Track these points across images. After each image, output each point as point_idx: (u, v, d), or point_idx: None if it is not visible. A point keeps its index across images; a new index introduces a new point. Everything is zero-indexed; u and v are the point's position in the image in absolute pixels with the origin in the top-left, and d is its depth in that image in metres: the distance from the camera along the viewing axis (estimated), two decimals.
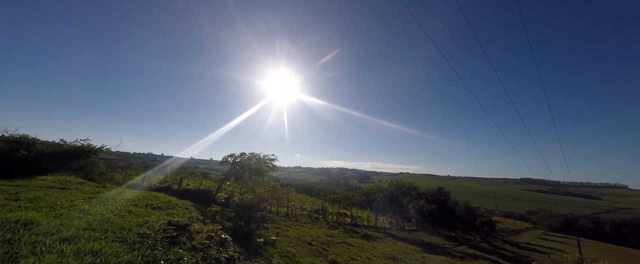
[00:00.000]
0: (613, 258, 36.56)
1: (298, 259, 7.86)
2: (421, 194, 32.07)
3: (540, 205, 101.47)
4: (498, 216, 76.33)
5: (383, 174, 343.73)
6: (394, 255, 11.30)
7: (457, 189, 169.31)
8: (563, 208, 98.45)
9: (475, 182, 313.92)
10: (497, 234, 44.64)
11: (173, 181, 15.69)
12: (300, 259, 7.90)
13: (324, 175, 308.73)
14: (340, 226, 17.38)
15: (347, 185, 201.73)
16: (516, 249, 27.37)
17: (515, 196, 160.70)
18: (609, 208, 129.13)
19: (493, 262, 15.38)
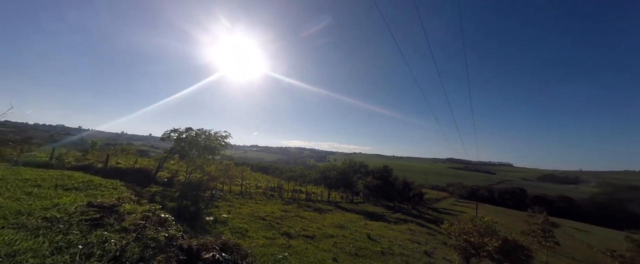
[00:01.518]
0: (496, 215, 49.42)
1: (250, 234, 7.96)
2: (369, 171, 35.78)
3: (456, 179, 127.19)
4: (426, 189, 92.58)
5: (338, 154, 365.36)
6: (341, 224, 12.61)
7: (399, 167, 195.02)
8: (471, 181, 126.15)
9: (413, 161, 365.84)
10: (424, 202, 54.40)
11: (97, 159, 13.16)
12: (252, 234, 8.02)
13: (282, 154, 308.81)
14: (295, 201, 18.10)
15: (305, 164, 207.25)
16: (436, 213, 34.20)
17: (441, 172, 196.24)
18: (499, 180, 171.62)
19: (418, 224, 18.87)
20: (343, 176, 27.66)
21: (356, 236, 10.57)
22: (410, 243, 11.18)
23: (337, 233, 10.46)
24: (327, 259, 7.03)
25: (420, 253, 9.67)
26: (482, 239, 7.13)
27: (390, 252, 9.05)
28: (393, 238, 11.42)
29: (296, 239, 8.46)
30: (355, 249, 8.57)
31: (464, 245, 7.56)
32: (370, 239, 10.34)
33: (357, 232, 11.37)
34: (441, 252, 10.57)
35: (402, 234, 12.85)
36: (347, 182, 28.22)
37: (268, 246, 7.10)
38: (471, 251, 7.46)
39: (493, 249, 6.74)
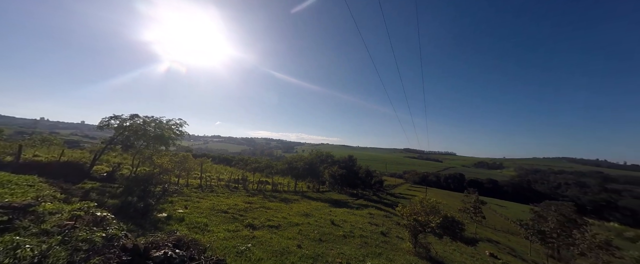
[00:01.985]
0: (441, 197, 56.95)
1: (211, 228, 7.56)
2: (335, 161, 37.15)
3: (412, 167, 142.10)
4: (386, 176, 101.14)
5: (306, 145, 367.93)
6: (307, 212, 12.93)
7: (363, 157, 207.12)
8: (423, 169, 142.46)
9: (375, 152, 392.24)
10: (384, 189, 59.38)
11: (4, 150, 10.57)
12: (213, 228, 7.63)
13: (248, 145, 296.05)
14: (260, 193, 17.75)
15: (271, 155, 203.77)
16: (393, 198, 37.81)
17: (399, 162, 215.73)
18: (445, 167, 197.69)
19: (377, 208, 20.60)
20: (310, 167, 28.12)
21: (321, 222, 11.00)
22: (369, 225, 12.17)
23: (303, 221, 10.72)
24: (291, 246, 7.18)
25: (378, 233, 10.64)
26: (427, 218, 8.22)
27: (351, 235, 9.71)
28: (355, 222, 12.25)
29: (261, 230, 8.38)
30: (320, 235, 8.94)
31: (413, 224, 8.60)
32: (334, 224, 10.90)
33: (322, 219, 11.83)
34: (395, 231, 11.82)
35: (363, 218, 13.88)
36: (314, 172, 28.83)
37: (230, 239, 6.87)
38: (419, 228, 8.54)
39: (436, 225, 7.86)
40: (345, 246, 8.31)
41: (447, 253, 10.36)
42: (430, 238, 9.78)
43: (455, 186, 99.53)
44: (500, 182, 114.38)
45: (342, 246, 8.15)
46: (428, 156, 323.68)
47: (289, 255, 6.48)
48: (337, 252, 7.53)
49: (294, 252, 6.74)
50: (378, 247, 8.63)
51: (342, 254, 7.43)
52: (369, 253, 7.89)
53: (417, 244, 8.70)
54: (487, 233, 27.70)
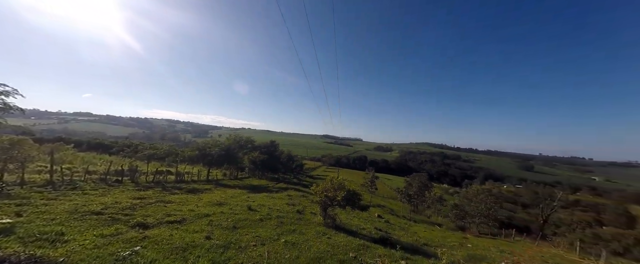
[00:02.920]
0: (350, 175, 67.28)
1: (69, 237, 5.56)
2: (256, 146, 35.75)
3: (328, 151, 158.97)
4: (306, 160, 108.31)
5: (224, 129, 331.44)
6: (221, 201, 11.92)
7: (286, 142, 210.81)
8: (337, 152, 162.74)
9: (298, 137, 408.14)
10: (304, 171, 63.44)
11: None
12: (74, 236, 5.64)
13: (140, 127, 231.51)
14: (158, 185, 14.67)
15: (177, 140, 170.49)
16: (311, 179, 41.22)
17: (319, 146, 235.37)
18: (354, 151, 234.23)
19: (296, 190, 21.88)
20: (227, 152, 25.64)
21: (236, 210, 10.48)
22: (287, 206, 12.80)
23: (215, 210, 9.83)
24: (198, 239, 6.47)
25: (294, 212, 11.39)
26: (335, 193, 9.57)
27: (268, 217, 9.88)
28: (273, 205, 12.50)
29: (156, 228, 7.01)
30: (234, 222, 8.54)
31: (324, 200, 9.79)
32: (251, 210, 10.68)
33: (238, 206, 11.30)
34: (310, 208, 13.07)
35: (282, 201, 14.39)
36: (232, 158, 26.61)
37: (105, 246, 5.34)
38: (328, 203, 9.83)
39: (341, 198, 9.31)
40: (262, 228, 8.40)
41: (348, 219, 12.59)
42: (337, 209, 11.51)
43: (360, 165, 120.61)
44: (389, 161, 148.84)
45: (258, 230, 8.19)
46: (342, 141, 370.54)
47: (195, 249, 5.84)
48: (253, 236, 7.50)
49: (201, 245, 6.13)
50: (293, 224, 9.28)
51: (258, 237, 7.48)
52: (284, 231, 8.35)
53: (327, 216, 10.03)
54: (377, 200, 35.73)
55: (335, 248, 7.16)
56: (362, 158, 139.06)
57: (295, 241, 7.29)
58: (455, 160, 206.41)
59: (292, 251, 6.60)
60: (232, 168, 28.83)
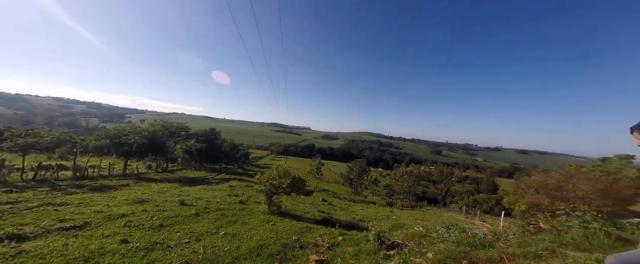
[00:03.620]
0: (298, 163, 68.43)
1: None
2: (192, 134, 31.51)
3: (277, 140, 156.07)
4: (253, 149, 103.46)
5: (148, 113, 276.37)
6: (143, 198, 10.11)
7: (230, 130, 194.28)
8: (285, 141, 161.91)
9: (244, 125, 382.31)
10: (250, 161, 60.48)
11: None
12: None
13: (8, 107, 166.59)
14: (42, 184, 11.17)
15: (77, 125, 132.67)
16: (258, 169, 39.86)
17: (267, 135, 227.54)
18: (302, 139, 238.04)
19: (240, 180, 20.75)
20: (152, 141, 21.55)
21: (165, 206, 9.15)
22: (229, 197, 12.02)
23: (134, 210, 8.30)
24: (109, 244, 5.36)
25: (236, 203, 10.84)
26: (280, 181, 9.59)
27: (206, 211, 9.07)
28: (212, 198, 11.51)
29: (40, 239, 5.40)
30: (161, 220, 7.45)
31: (269, 188, 9.68)
32: (184, 205, 9.53)
33: (167, 202, 9.88)
34: (254, 197, 12.70)
35: (223, 192, 13.40)
36: (159, 148, 22.63)
37: None
38: (273, 191, 9.78)
39: (286, 185, 9.41)
40: (197, 223, 7.66)
41: (294, 205, 12.94)
42: (283, 196, 11.62)
43: (308, 153, 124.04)
44: (335, 149, 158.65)
45: (193, 225, 7.44)
46: (291, 130, 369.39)
47: (104, 257, 4.82)
48: (186, 232, 6.77)
49: (115, 250, 5.12)
50: (235, 215, 8.84)
51: (192, 233, 6.79)
52: (224, 223, 7.87)
53: (272, 204, 9.99)
54: (323, 185, 37.98)
55: (279, 234, 7.28)
56: (310, 146, 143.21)
57: (237, 232, 7.01)
58: (388, 147, 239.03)
59: (233, 242, 6.34)
60: (159, 159, 24.70)
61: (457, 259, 3.86)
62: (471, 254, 4.16)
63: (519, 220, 7.42)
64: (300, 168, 50.78)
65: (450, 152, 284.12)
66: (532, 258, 3.70)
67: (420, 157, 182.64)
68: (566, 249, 4.02)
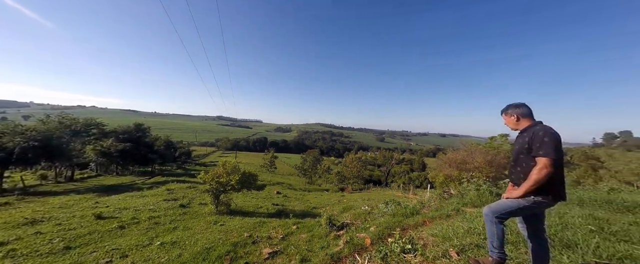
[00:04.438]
0: (249, 158, 65.03)
1: None
2: (109, 132, 25.56)
3: (224, 135, 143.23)
4: (196, 146, 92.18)
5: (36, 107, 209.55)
6: (35, 218, 7.73)
7: (163, 126, 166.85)
8: (235, 135, 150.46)
9: (181, 119, 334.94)
10: (193, 159, 53.82)
11: None
12: None
13: None
14: None
15: None
16: (203, 167, 35.93)
17: (212, 130, 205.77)
18: (253, 133, 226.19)
19: (181, 182, 18.30)
20: (46, 143, 16.41)
21: (72, 223, 7.28)
22: (165, 202, 10.48)
23: (21, 234, 6.31)
24: None
25: (176, 208, 9.57)
26: (228, 178, 8.93)
27: (134, 222, 7.68)
28: (142, 205, 9.80)
29: None
30: (66, 241, 5.91)
31: (216, 186, 8.90)
32: (101, 218, 7.80)
33: (76, 218, 7.89)
34: (199, 199, 11.47)
35: (157, 197, 11.56)
36: (57, 151, 17.50)
37: None
38: (220, 189, 9.05)
39: (235, 182, 8.84)
40: (123, 238, 6.43)
41: (245, 202, 12.35)
42: (233, 194, 10.90)
43: (260, 147, 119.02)
44: (289, 141, 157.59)
45: (117, 240, 6.21)
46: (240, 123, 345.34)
47: None
48: (107, 250, 5.59)
49: None
50: (174, 221, 7.82)
51: (116, 249, 5.67)
52: (160, 232, 6.86)
53: (219, 203, 9.25)
54: (277, 178, 37.48)
55: (229, 233, 6.86)
56: (263, 140, 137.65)
57: (178, 240, 6.23)
58: (339, 137, 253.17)
59: (173, 251, 5.62)
60: (60, 166, 19.26)
61: (393, 227, 4.50)
62: (403, 222, 4.93)
63: (438, 190, 9.19)
64: (252, 163, 48.47)
65: (391, 139, 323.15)
66: (444, 218, 4.67)
67: (367, 145, 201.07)
68: (466, 208, 5.24)
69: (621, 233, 2.99)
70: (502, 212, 1.91)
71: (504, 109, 2.13)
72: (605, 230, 3.08)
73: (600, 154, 24.00)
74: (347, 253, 3.95)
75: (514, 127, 2.04)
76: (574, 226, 3.21)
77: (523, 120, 1.97)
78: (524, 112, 1.98)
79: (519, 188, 1.83)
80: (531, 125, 1.92)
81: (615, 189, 6.47)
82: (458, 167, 9.79)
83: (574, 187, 7.68)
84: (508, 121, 2.07)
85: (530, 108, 1.99)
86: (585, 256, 2.34)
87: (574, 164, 23.21)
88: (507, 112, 2.07)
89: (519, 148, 1.93)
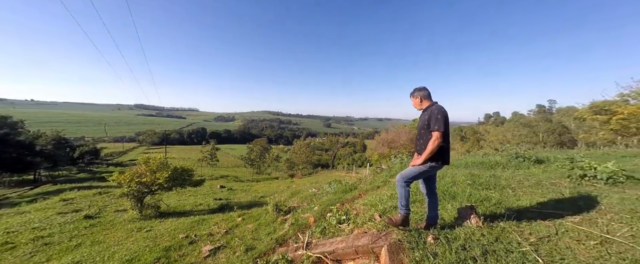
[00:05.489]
0: (184, 152, 57.16)
1: None
2: None
3: (149, 126, 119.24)
4: (107, 142, 73.66)
5: None
6: None
7: (50, 118, 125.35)
8: (163, 127, 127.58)
9: (81, 109, 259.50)
10: (103, 160, 43.06)
11: None
12: None
13: None
14: None
15: None
16: (120, 168, 29.32)
17: (129, 121, 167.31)
18: (188, 123, 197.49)
19: (84, 188, 14.50)
20: None
21: None
22: (60, 216, 8.13)
23: None
24: None
25: (79, 220, 7.59)
26: (154, 176, 7.61)
27: (10, 247, 5.70)
28: (22, 224, 7.33)
29: None
30: None
31: (137, 188, 7.47)
32: None
33: None
34: (114, 205, 9.41)
35: (45, 212, 8.82)
36: None
37: None
38: (144, 191, 7.66)
39: (163, 180, 7.62)
40: None
41: (181, 201, 10.95)
42: (162, 194, 9.44)
43: (198, 139, 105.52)
44: (233, 131, 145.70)
45: None
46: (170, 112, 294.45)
47: None
48: None
49: None
50: (76, 238, 6.21)
51: None
52: (53, 254, 5.35)
53: (144, 207, 7.87)
54: (221, 172, 34.57)
55: (159, 238, 6.00)
56: (201, 131, 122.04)
57: (82, 259, 5.01)
58: (288, 124, 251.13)
59: None
60: None
61: (334, 203, 4.90)
62: (343, 198, 5.44)
63: (373, 167, 10.51)
64: (188, 158, 42.79)
65: (337, 124, 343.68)
66: (375, 189, 5.42)
67: (315, 131, 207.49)
68: (392, 179, 6.20)
69: (485, 184, 4.20)
70: (409, 177, 2.35)
71: (411, 93, 2.54)
72: (476, 182, 4.25)
73: (481, 130, 32.59)
74: (291, 234, 4.10)
75: (419, 108, 2.48)
76: (458, 182, 4.29)
77: (425, 101, 2.42)
78: (425, 94, 2.42)
79: (421, 157, 2.28)
80: (430, 105, 2.38)
81: (487, 154, 8.95)
82: (389, 146, 11.39)
83: (464, 156, 10.18)
84: (414, 102, 2.49)
85: (429, 90, 2.44)
86: (462, 202, 3.20)
87: (466, 138, 30.66)
88: (414, 95, 2.49)
89: (421, 124, 2.37)
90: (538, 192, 3.65)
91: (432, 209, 2.46)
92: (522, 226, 2.45)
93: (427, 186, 2.47)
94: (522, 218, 2.62)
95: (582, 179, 3.94)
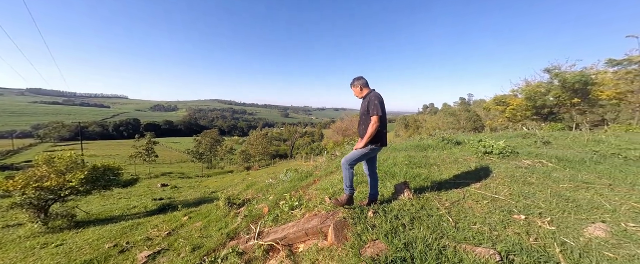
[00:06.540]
0: (109, 149, 47.60)
1: None
2: None
3: (53, 118, 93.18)
4: None
5: None
6: None
7: None
8: (77, 118, 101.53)
9: None
10: None
11: None
12: None
13: None
14: None
15: None
16: (7, 172, 22.29)
17: (18, 111, 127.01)
18: (114, 113, 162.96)
19: None
20: None
21: None
22: None
23: None
24: None
25: None
26: (63, 178, 6.06)
27: None
28: None
29: None
30: None
31: (37, 195, 5.84)
32: None
33: None
34: (1, 221, 7.20)
35: None
36: None
37: None
38: (49, 198, 6.06)
39: (78, 182, 6.15)
40: None
41: (107, 205, 9.18)
42: (80, 199, 7.68)
43: (130, 133, 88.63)
44: (175, 122, 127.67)
45: None
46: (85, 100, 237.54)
47: None
48: None
49: None
50: None
51: None
52: None
53: (50, 218, 6.26)
54: (162, 169, 30.23)
55: (75, 252, 4.93)
56: (133, 122, 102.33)
57: None
58: (242, 114, 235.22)
59: None
60: None
61: (289, 191, 4.92)
62: (298, 185, 5.52)
63: (329, 154, 10.95)
64: (116, 155, 35.81)
65: (295, 114, 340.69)
66: (329, 175, 5.69)
67: (272, 121, 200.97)
68: None
69: (418, 163, 4.91)
70: (352, 159, 2.53)
71: (351, 83, 2.68)
72: (411, 162, 4.92)
73: (420, 119, 37.80)
74: (244, 226, 3.95)
75: (360, 96, 2.64)
76: (398, 163, 4.88)
77: (364, 89, 2.59)
78: (364, 83, 2.59)
79: (362, 140, 2.46)
80: (368, 92, 2.56)
81: (423, 139, 10.44)
82: (343, 134, 11.99)
83: (406, 141, 11.61)
84: (355, 91, 2.65)
85: (366, 79, 2.62)
86: (399, 179, 3.68)
87: (409, 125, 35.03)
88: (354, 84, 2.64)
89: (362, 110, 2.55)
90: (455, 167, 4.48)
91: (373, 187, 2.74)
92: (441, 195, 2.99)
93: (369, 167, 2.71)
94: (442, 188, 3.19)
95: (485, 155, 5.03)
